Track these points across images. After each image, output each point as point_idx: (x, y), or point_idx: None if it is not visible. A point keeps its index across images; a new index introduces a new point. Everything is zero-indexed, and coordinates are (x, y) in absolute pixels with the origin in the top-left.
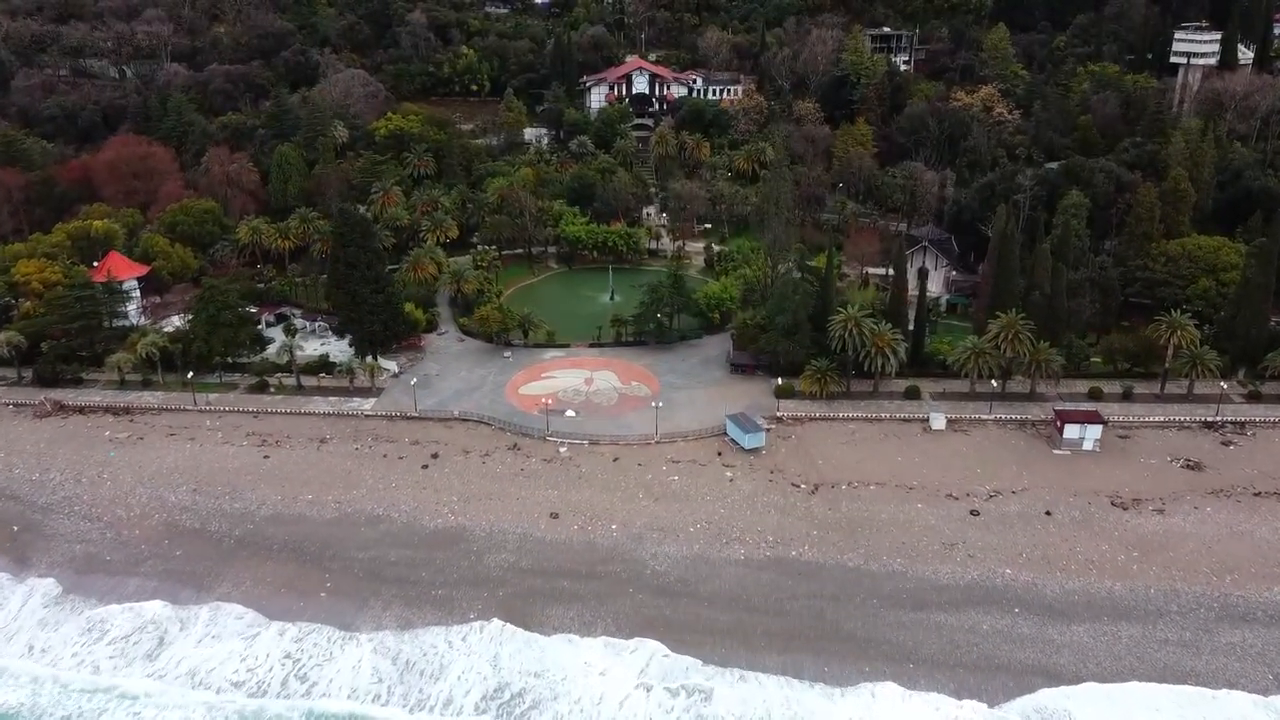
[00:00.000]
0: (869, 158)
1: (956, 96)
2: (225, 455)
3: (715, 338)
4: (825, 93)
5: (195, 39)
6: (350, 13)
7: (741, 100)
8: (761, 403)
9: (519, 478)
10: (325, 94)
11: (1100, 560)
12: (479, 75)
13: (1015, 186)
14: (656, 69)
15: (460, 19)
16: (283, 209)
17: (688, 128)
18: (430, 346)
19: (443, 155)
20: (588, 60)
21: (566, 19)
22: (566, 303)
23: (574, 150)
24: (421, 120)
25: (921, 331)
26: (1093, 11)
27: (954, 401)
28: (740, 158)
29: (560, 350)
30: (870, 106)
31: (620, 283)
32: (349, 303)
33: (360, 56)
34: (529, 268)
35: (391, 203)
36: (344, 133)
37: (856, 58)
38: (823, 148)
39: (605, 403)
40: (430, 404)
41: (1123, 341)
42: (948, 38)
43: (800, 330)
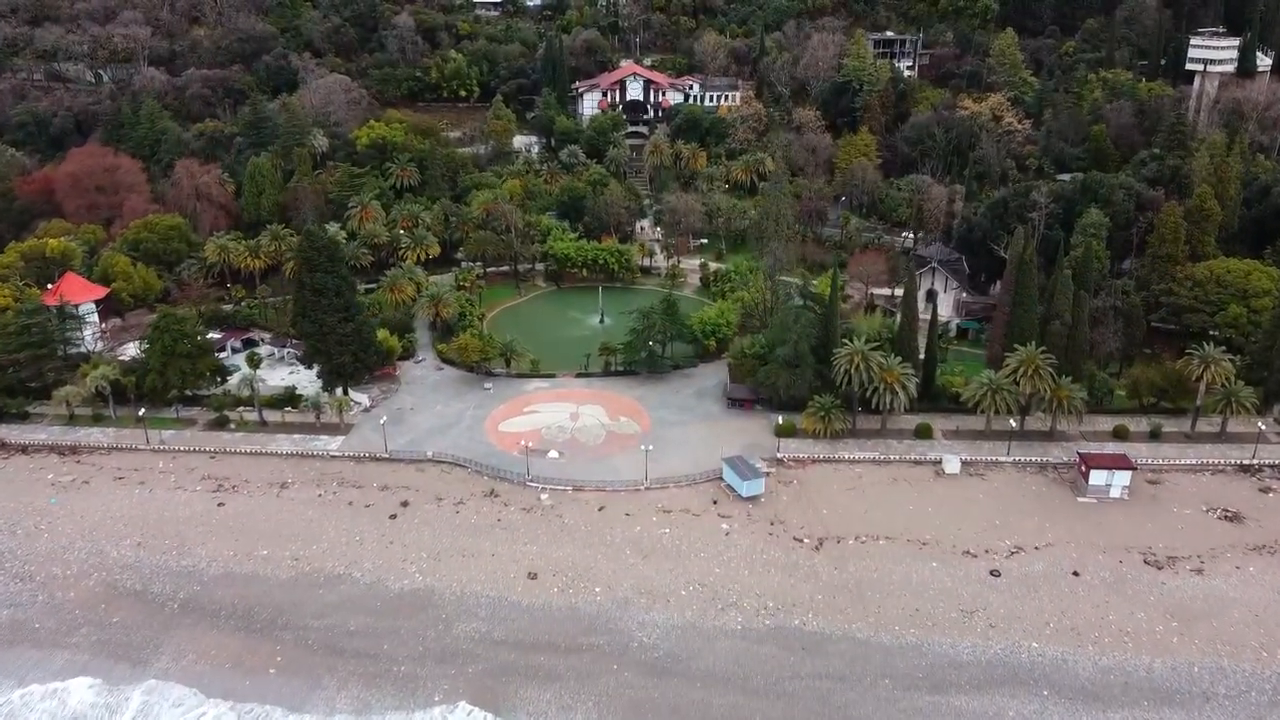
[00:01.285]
0: (873, 169)
1: (964, 104)
2: (176, 502)
3: (711, 366)
4: (826, 100)
5: (174, 42)
6: (335, 15)
7: (739, 107)
8: (760, 442)
9: (495, 530)
10: (305, 101)
11: (1136, 631)
12: (467, 80)
13: (1029, 204)
14: (651, 74)
15: (449, 21)
16: (256, 224)
17: (683, 136)
18: (406, 376)
19: (426, 166)
20: (580, 65)
21: (559, 22)
22: (553, 326)
23: (564, 160)
24: (405, 128)
25: (932, 363)
26: (1103, 15)
27: (968, 441)
28: (738, 168)
29: (545, 381)
30: (874, 115)
31: (611, 304)
32: (315, 333)
33: (345, 60)
34: (515, 287)
35: (370, 218)
36: (324, 142)
37: (859, 63)
38: (824, 158)
39: (591, 441)
40: (402, 443)
41: (1149, 375)
42: (953, 42)
43: (802, 363)
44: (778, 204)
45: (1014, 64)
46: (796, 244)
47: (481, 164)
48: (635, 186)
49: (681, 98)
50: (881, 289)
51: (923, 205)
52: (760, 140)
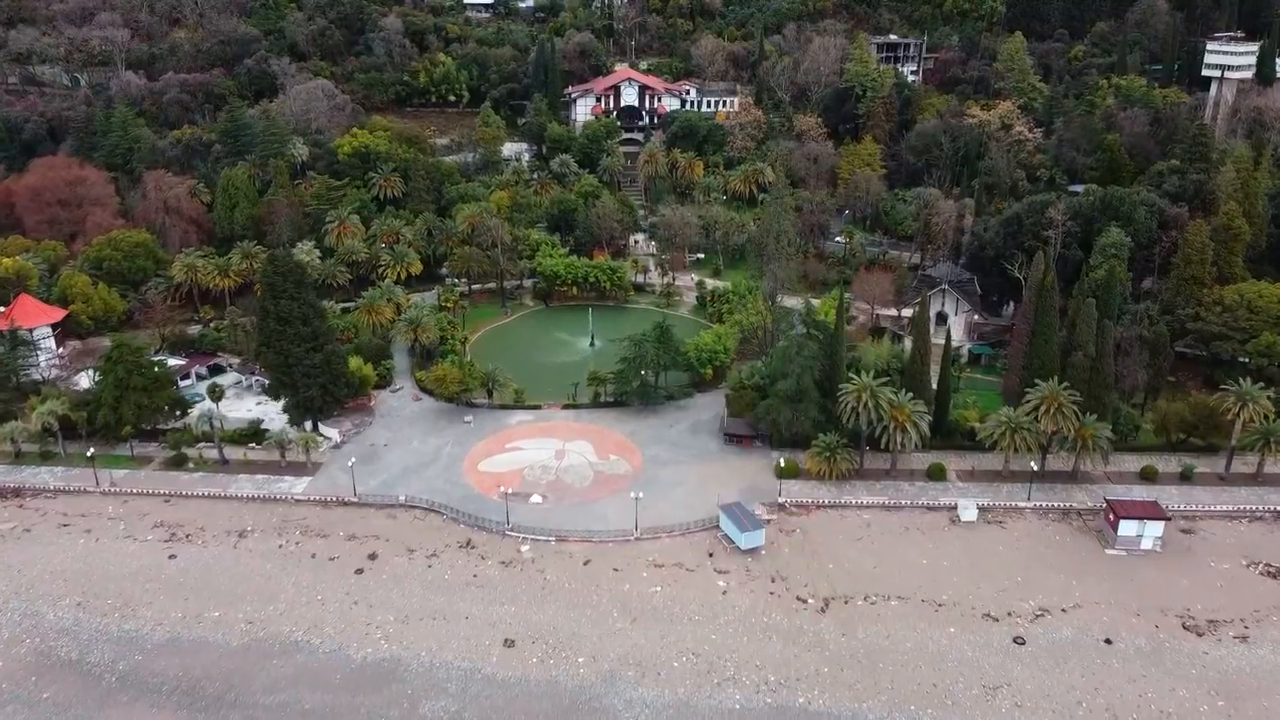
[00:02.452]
0: (877, 180)
1: (971, 112)
2: (124, 554)
3: (707, 396)
4: (828, 106)
5: (153, 45)
6: (320, 17)
7: (738, 114)
8: (760, 484)
9: (470, 588)
10: (286, 107)
11: (1180, 713)
12: (457, 85)
13: (1046, 221)
14: (647, 79)
15: (438, 24)
16: (230, 239)
17: (680, 144)
18: (381, 407)
19: (410, 177)
20: (573, 69)
21: (551, 24)
22: (541, 349)
23: (555, 170)
24: (389, 137)
25: (945, 397)
26: (1113, 19)
27: (985, 483)
28: (736, 178)
29: (529, 413)
30: (878, 122)
31: (602, 324)
32: (280, 364)
33: (330, 64)
34: (501, 305)
35: (348, 234)
36: (304, 151)
37: (861, 68)
38: (826, 168)
39: (578, 483)
40: (373, 485)
41: (1178, 410)
42: (958, 46)
43: (805, 397)
44: (778, 219)
45: (1022, 69)
46: (798, 261)
47: (469, 173)
48: (629, 198)
49: (678, 103)
50: (888, 309)
51: (930, 220)
52: (760, 148)
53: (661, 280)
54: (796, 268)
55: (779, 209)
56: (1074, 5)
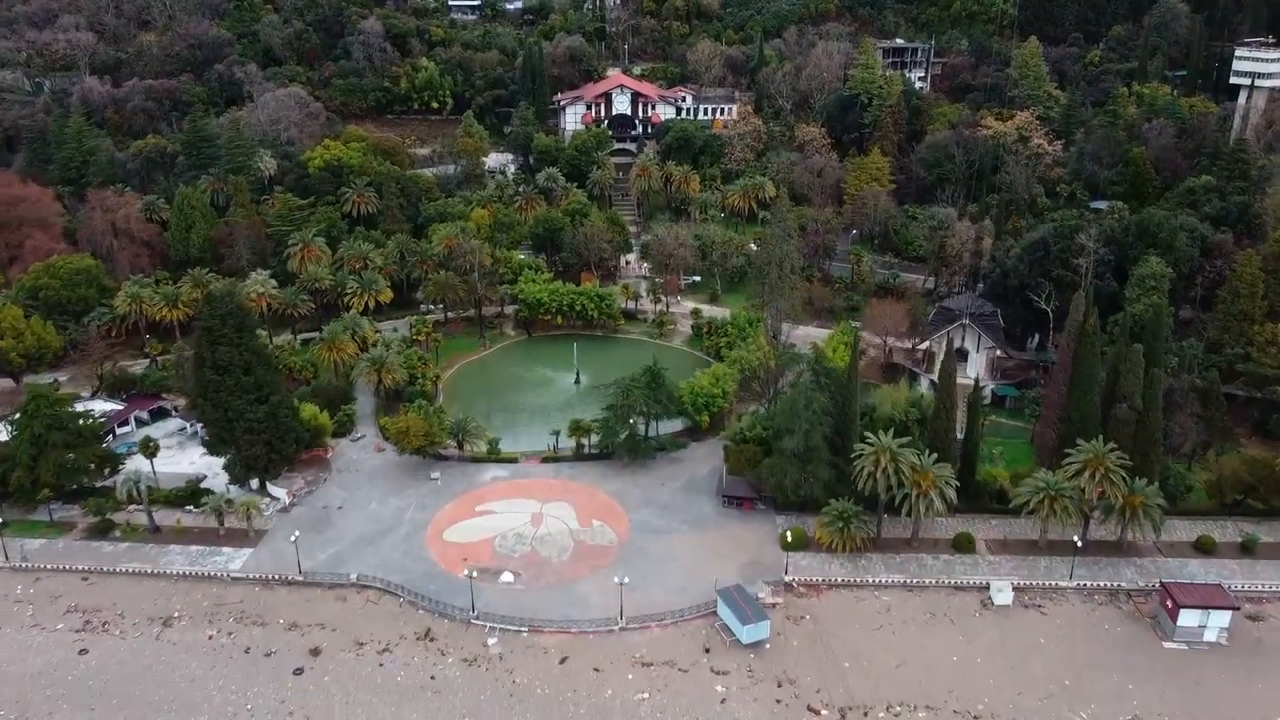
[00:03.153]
0: (886, 196)
1: (986, 123)
2: (26, 649)
3: (703, 446)
4: (831, 114)
5: (120, 48)
6: (297, 19)
7: (736, 123)
8: (764, 558)
9: (425, 694)
10: (256, 116)
11: None
12: (440, 91)
13: (1075, 247)
14: (640, 86)
15: (421, 27)
16: (185, 263)
17: (674, 156)
18: (340, 460)
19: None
20: (563, 74)
21: (540, 27)
22: (521, 386)
23: (541, 185)
24: (364, 149)
25: (973, 453)
26: (1130, 22)
27: (1019, 556)
28: (735, 194)
29: (504, 468)
30: (885, 133)
31: (589, 357)
32: (220, 419)
33: (307, 69)
34: (479, 336)
35: (313, 258)
36: (271, 164)
37: (867, 75)
38: (831, 182)
39: (556, 557)
40: (322, 559)
41: (1234, 467)
42: (968, 51)
43: (815, 457)
44: (781, 244)
45: (1038, 76)
46: (802, 288)
47: (450, 187)
48: (620, 216)
49: (673, 111)
50: (901, 341)
51: (945, 243)
52: (760, 160)
53: (654, 307)
54: (801, 295)
55: (782, 232)
56: (1089, 8)
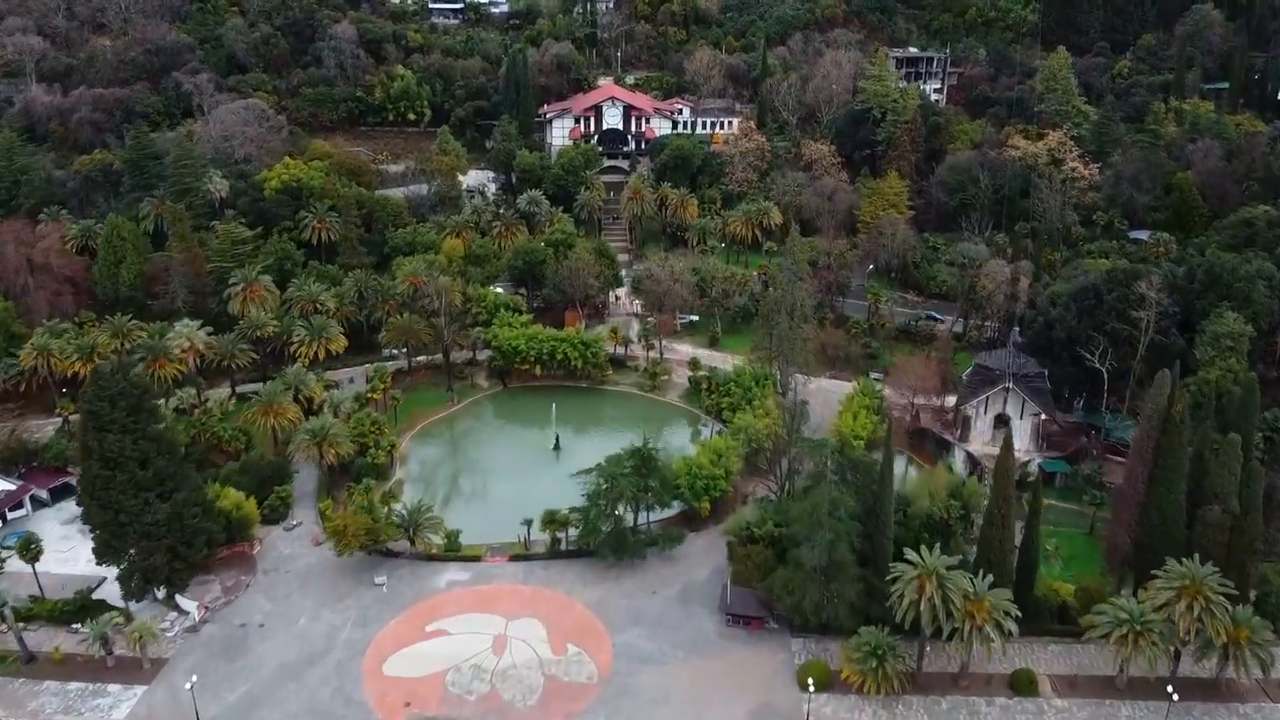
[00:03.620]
0: (905, 226)
1: (1014, 143)
2: None
3: (703, 538)
4: (841, 130)
5: (71, 53)
6: (265, 23)
7: (738, 139)
8: (778, 700)
9: None
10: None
11: None
12: (417, 102)
13: (1132, 297)
14: (633, 98)
15: (398, 32)
16: (116, 303)
17: (670, 176)
18: (268, 556)
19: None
20: (551, 84)
21: (526, 33)
22: (491, 453)
23: (523, 209)
24: (327, 168)
25: (1031, 564)
26: (1160, 31)
27: (1093, 700)
28: (737, 220)
29: (465, 568)
30: (902, 152)
31: (571, 414)
32: (110, 524)
33: (274, 77)
34: (447, 388)
35: (257, 299)
36: (222, 185)
37: (880, 87)
38: (843, 207)
39: (521, 701)
40: (230, 701)
41: None
42: (986, 60)
43: (840, 573)
44: (792, 291)
45: (1067, 90)
46: (816, 339)
47: (423, 210)
48: (609, 248)
49: (669, 126)
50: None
51: (976, 284)
52: (763, 181)
53: (646, 354)
54: (815, 347)
55: (793, 275)
56: (1116, 15)
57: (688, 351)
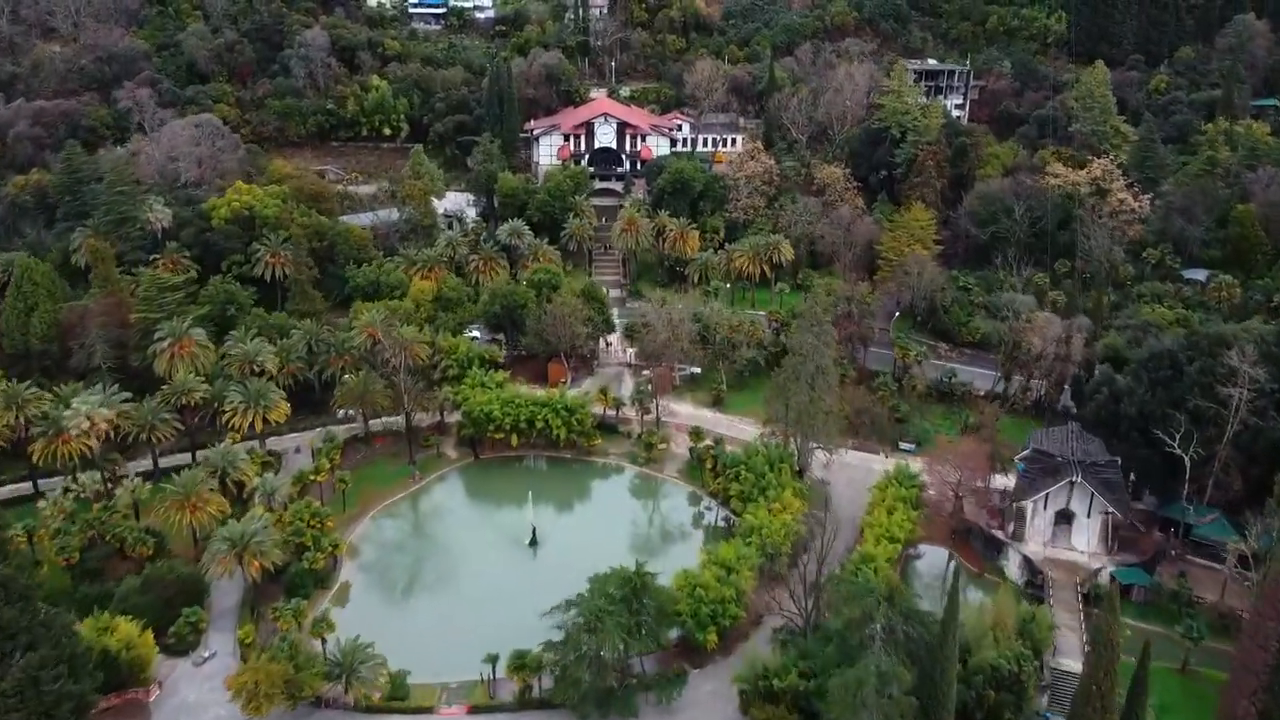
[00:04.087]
0: (933, 265)
1: (1053, 169)
2: None
3: (709, 679)
4: (856, 151)
5: (17, 60)
6: (230, 28)
7: (743, 160)
8: None
9: None
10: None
11: None
12: (393, 115)
13: (1219, 370)
14: (628, 114)
15: (374, 39)
16: (25, 358)
17: (668, 202)
18: (166, 706)
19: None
20: (538, 97)
21: (513, 40)
22: (456, 547)
23: (504, 241)
24: (284, 193)
25: None
26: (1200, 43)
27: None
28: (743, 254)
29: None
30: (926, 178)
31: (553, 493)
32: None
33: (237, 88)
34: (409, 461)
35: (186, 356)
36: (164, 214)
37: (899, 104)
38: (862, 240)
39: None
40: None
41: None
42: (1010, 73)
43: None
44: (814, 357)
45: (1105, 109)
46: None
47: (392, 241)
48: (599, 289)
49: (667, 144)
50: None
51: (1022, 340)
52: (771, 208)
53: (640, 418)
54: (839, 418)
55: (816, 338)
56: (1151, 26)
57: (688, 413)
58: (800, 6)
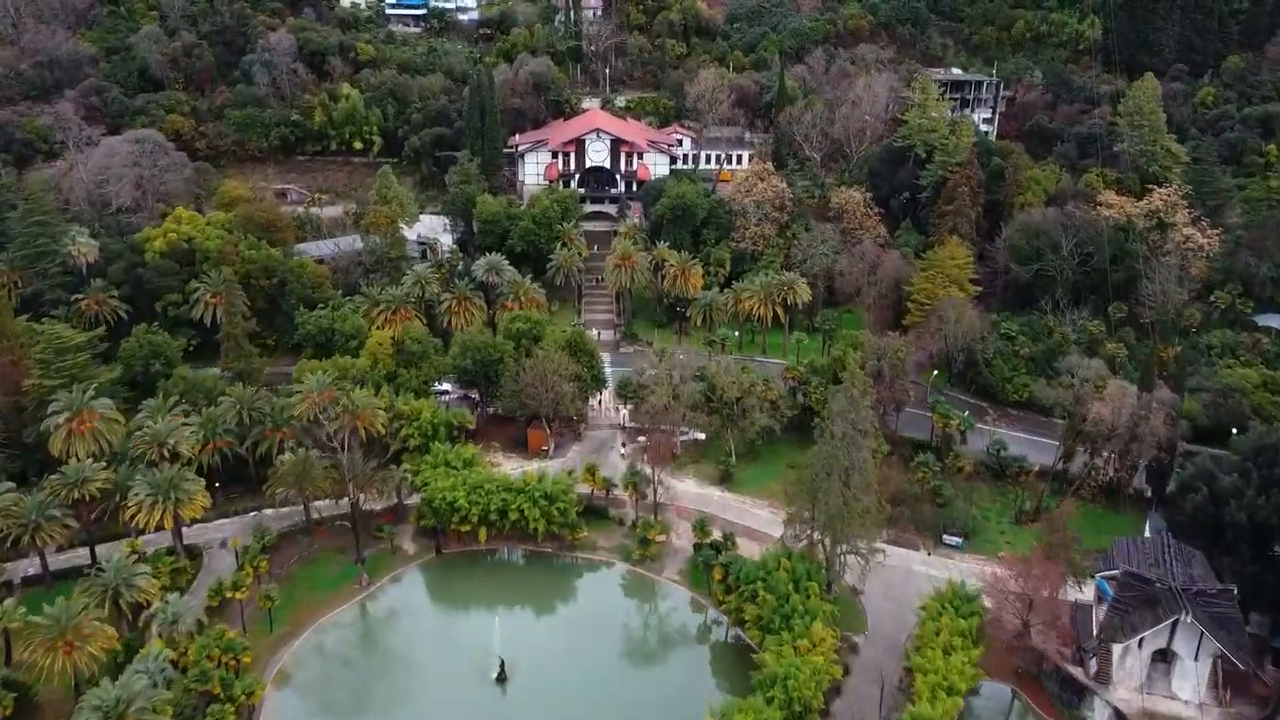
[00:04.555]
0: (973, 311)
1: (1107, 199)
2: None
3: None
4: (875, 171)
5: None
6: (188, 30)
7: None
8: None
9: None
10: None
11: None
12: (365, 127)
13: None
14: (623, 129)
15: (346, 43)
16: None
17: (668, 231)
18: None
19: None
20: (525, 108)
21: (498, 44)
22: (404, 683)
23: (479, 278)
24: (230, 222)
25: None
26: (1248, 51)
27: None
28: (752, 295)
29: None
30: (960, 207)
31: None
32: None
33: (193, 96)
34: (356, 559)
35: (87, 433)
36: (89, 247)
37: (924, 120)
38: (889, 279)
39: None
40: None
41: None
42: (1042, 83)
43: None
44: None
45: (1155, 126)
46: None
47: (354, 277)
48: (588, 339)
49: (666, 162)
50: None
51: (1088, 414)
52: (784, 236)
53: (634, 503)
54: (878, 517)
55: (851, 425)
56: (1195, 32)
57: (691, 492)
58: (809, 9)
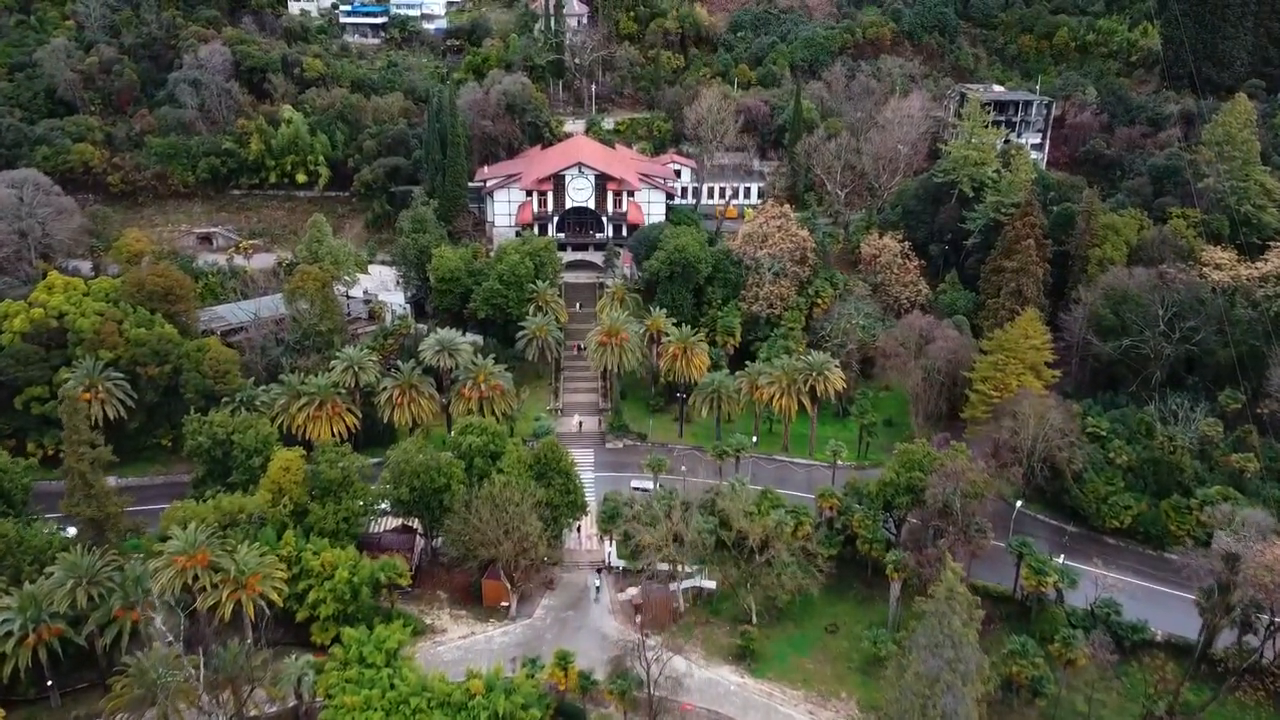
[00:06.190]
0: (1057, 408)
1: (1213, 258)
2: None
3: None
4: (910, 210)
5: None
6: (108, 42)
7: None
8: None
9: None
10: None
11: None
12: (310, 157)
13: None
14: (610, 162)
15: (291, 57)
16: None
17: (665, 290)
18: None
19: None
20: (498, 133)
21: (468, 57)
22: None
23: (429, 361)
24: (116, 291)
25: None
26: None
27: None
28: (773, 382)
29: None
30: (1026, 264)
31: None
32: None
33: (109, 121)
34: None
35: None
36: None
37: (971, 152)
38: (945, 362)
39: None
40: None
41: None
42: (1096, 101)
43: None
44: (943, 697)
45: (1249, 158)
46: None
47: (273, 354)
48: (563, 454)
49: (662, 200)
50: None
51: (1237, 577)
52: (805, 294)
53: (621, 711)
54: None
55: (953, 665)
56: (1271, 42)
57: (698, 678)
58: (822, 16)
